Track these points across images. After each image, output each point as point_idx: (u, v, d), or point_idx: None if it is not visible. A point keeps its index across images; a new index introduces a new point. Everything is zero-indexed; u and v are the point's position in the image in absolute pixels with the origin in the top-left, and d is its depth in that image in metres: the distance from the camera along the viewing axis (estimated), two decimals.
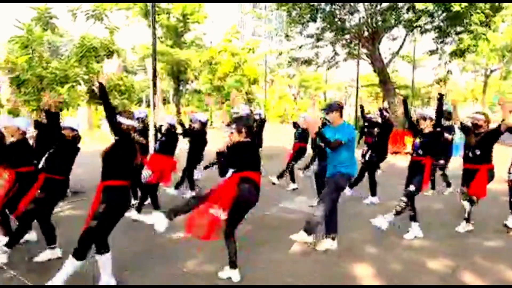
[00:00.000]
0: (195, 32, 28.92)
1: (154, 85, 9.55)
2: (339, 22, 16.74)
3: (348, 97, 45.23)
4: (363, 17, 16.10)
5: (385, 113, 7.06)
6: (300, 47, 17.55)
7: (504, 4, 15.30)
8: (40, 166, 4.33)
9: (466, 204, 5.39)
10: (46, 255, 4.22)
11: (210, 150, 7.54)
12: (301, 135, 7.83)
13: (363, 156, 7.04)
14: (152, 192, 5.96)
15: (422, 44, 20.29)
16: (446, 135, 7.02)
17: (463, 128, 5.51)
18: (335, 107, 4.78)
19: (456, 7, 12.25)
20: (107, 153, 3.54)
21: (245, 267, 4.09)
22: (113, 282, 3.61)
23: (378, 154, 6.97)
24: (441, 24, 15.63)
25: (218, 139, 4.86)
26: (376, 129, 7.05)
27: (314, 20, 16.12)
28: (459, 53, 15.85)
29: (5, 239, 4.30)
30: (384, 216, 5.04)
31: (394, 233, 5.22)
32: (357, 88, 18.91)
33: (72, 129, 4.38)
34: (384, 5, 15.21)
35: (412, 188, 5.04)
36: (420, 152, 5.18)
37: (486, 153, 5.19)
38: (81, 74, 7.58)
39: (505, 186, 5.66)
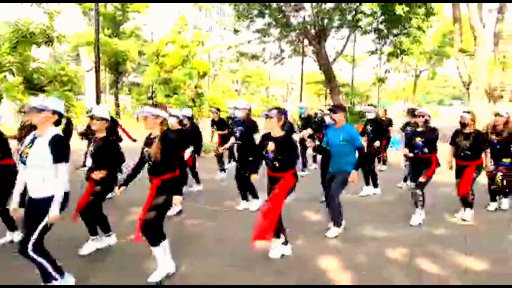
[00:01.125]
0: (134, 22, 27.60)
1: (98, 76, 8.87)
2: (284, 19, 16.99)
3: (289, 94, 46.33)
4: (310, 16, 16.51)
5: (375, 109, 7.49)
6: (248, 42, 17.54)
7: (435, 10, 16.61)
8: (88, 165, 4.34)
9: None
10: (105, 242, 4.36)
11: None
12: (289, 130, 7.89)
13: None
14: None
15: (362, 45, 21.61)
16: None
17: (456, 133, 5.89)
18: (342, 109, 5.08)
19: (398, 10, 13.09)
20: (160, 149, 3.52)
21: (215, 264, 4.04)
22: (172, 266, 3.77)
23: (374, 149, 7.23)
24: (380, 26, 16.57)
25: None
26: (368, 126, 7.28)
27: (263, 16, 16.19)
28: (396, 54, 16.96)
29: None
30: (417, 214, 5.59)
31: (354, 226, 5.41)
32: (302, 85, 19.37)
33: (107, 120, 4.37)
34: (330, 5, 15.74)
35: (422, 179, 5.44)
36: (426, 150, 5.48)
37: (476, 152, 5.67)
38: (15, 62, 6.82)
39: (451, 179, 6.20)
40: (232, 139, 6.50)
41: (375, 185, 7.31)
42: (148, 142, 3.67)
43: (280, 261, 4.26)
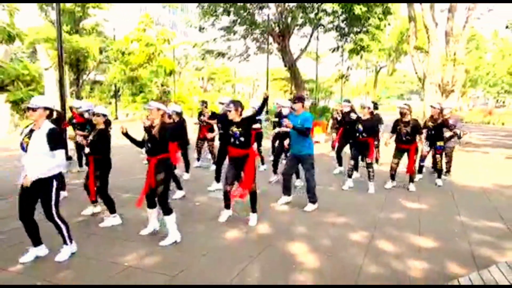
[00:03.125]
0: (95, 18, 26.74)
1: (61, 75, 8.71)
2: (249, 16, 17.20)
3: (256, 91, 46.61)
4: (274, 14, 16.83)
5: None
6: (214, 40, 17.61)
7: (392, 9, 17.44)
8: (86, 151, 5.22)
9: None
10: (110, 221, 5.18)
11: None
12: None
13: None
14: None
15: (324, 42, 22.32)
16: None
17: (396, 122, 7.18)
18: (301, 99, 6.03)
19: (357, 10, 13.72)
20: (158, 134, 4.49)
21: (185, 256, 4.23)
22: (179, 236, 4.60)
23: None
24: (341, 24, 17.17)
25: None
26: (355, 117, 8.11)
27: (228, 13, 16.30)
28: (356, 51, 17.65)
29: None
30: (372, 185, 7.06)
31: (315, 214, 5.79)
32: (267, 82, 19.70)
33: (104, 115, 5.23)
34: (293, 3, 16.11)
35: (369, 160, 7.03)
36: (364, 134, 6.85)
37: (414, 137, 7.05)
38: None
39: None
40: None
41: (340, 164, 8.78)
42: (150, 129, 4.60)
43: (250, 247, 4.53)
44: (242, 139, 5.07)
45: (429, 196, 6.84)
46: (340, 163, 8.82)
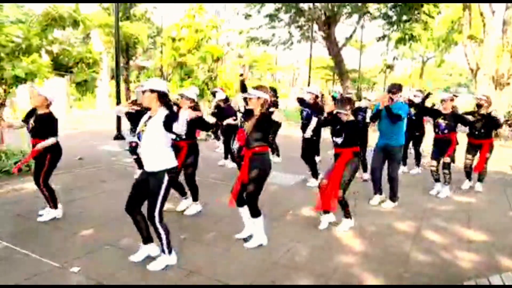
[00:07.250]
0: (145, 5, 27.59)
1: (117, 60, 9.22)
2: (294, 4, 17.10)
3: (295, 79, 46.28)
4: (320, 2, 16.61)
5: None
6: (259, 27, 17.73)
7: None
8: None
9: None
10: (194, 208, 5.14)
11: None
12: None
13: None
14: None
15: (368, 31, 21.75)
16: None
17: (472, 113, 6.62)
18: (400, 88, 5.68)
19: None
20: (254, 125, 3.90)
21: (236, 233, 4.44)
22: (265, 239, 4.18)
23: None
24: (389, 12, 16.64)
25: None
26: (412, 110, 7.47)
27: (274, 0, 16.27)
28: (404, 41, 17.04)
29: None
30: (446, 188, 6.37)
31: (361, 202, 5.85)
32: (310, 70, 19.59)
33: (192, 99, 5.02)
34: None
35: (448, 160, 6.16)
36: (446, 131, 6.08)
37: (489, 132, 6.45)
38: (44, 44, 7.21)
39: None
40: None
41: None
42: (248, 116, 4.07)
43: (296, 229, 4.70)
44: (341, 138, 4.63)
45: (478, 192, 6.65)
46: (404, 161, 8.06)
